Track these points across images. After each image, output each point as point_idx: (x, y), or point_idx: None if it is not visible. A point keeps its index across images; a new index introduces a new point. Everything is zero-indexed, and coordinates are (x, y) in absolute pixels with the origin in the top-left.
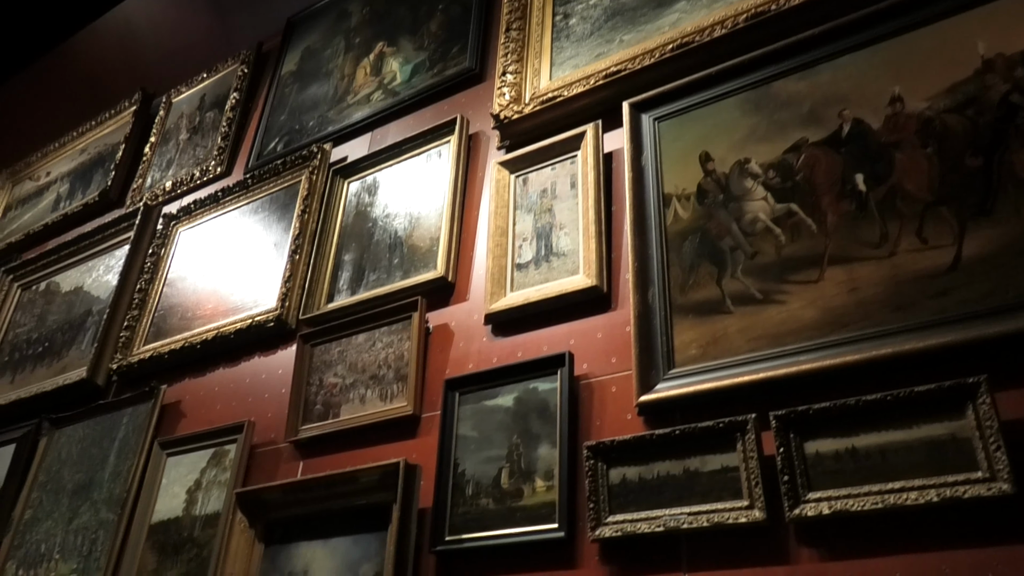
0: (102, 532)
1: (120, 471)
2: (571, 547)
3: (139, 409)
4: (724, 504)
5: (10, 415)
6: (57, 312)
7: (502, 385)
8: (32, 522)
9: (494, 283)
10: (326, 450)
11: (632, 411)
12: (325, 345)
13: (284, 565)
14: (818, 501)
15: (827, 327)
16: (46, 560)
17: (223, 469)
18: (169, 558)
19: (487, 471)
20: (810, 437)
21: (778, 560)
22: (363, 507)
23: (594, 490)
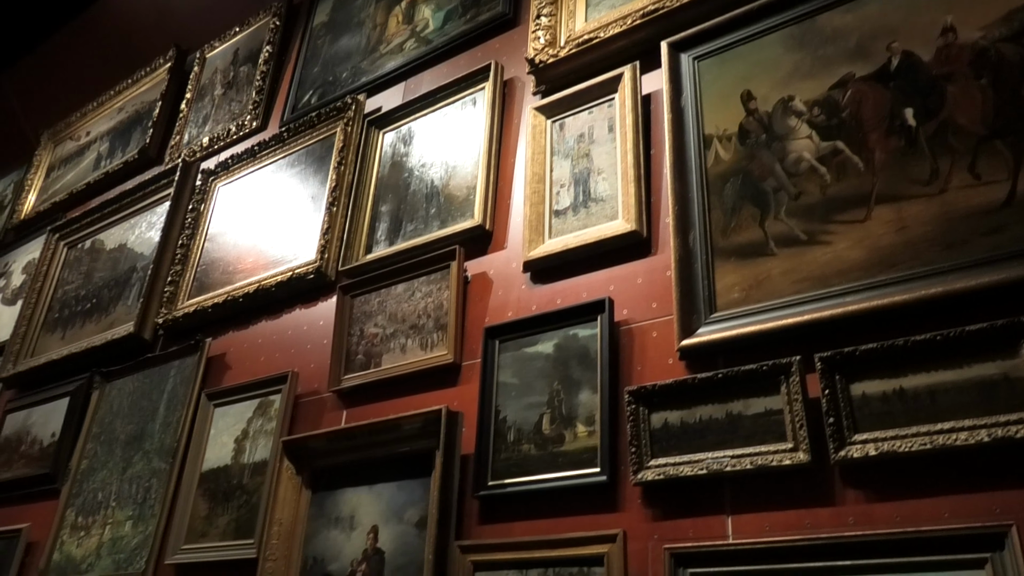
0: (155, 480)
1: (170, 422)
2: (613, 491)
3: (186, 362)
4: (768, 447)
5: (63, 370)
6: (103, 269)
7: (542, 332)
8: (88, 472)
9: (532, 230)
10: (368, 399)
11: (673, 356)
12: (365, 296)
13: (331, 510)
14: (864, 443)
15: (874, 267)
16: (103, 508)
17: (269, 419)
18: (220, 504)
19: (528, 417)
20: (856, 379)
21: (823, 502)
22: (406, 454)
23: (636, 435)
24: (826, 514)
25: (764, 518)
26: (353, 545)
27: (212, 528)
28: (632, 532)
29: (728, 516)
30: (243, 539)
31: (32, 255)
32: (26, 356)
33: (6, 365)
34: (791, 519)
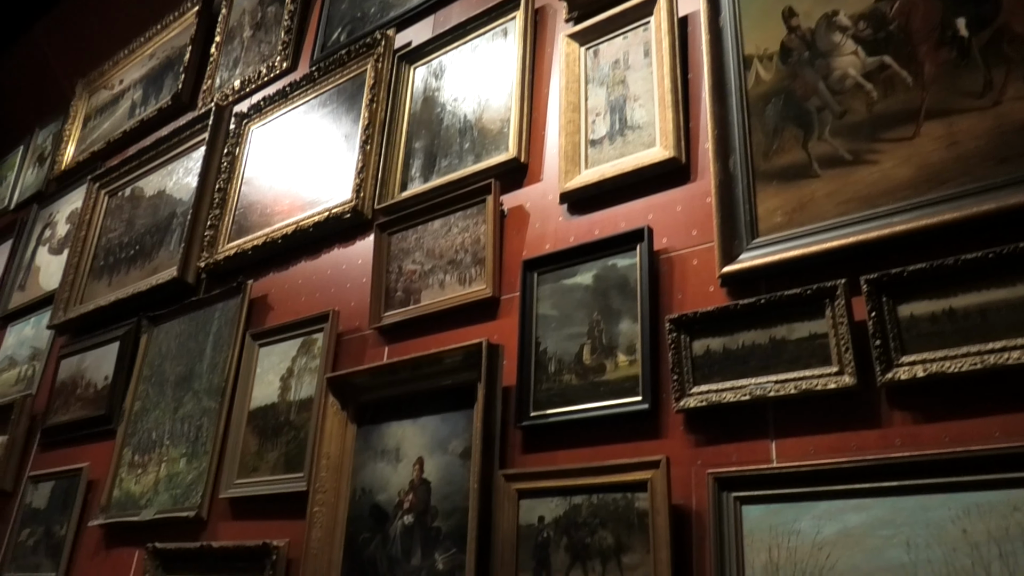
0: (206, 419)
1: (217, 362)
2: (655, 418)
3: (229, 304)
4: (812, 371)
5: (111, 315)
6: (144, 216)
7: (580, 263)
8: (142, 412)
9: (568, 161)
10: (409, 335)
11: (714, 283)
12: (402, 233)
13: (377, 443)
14: (912, 364)
15: (923, 185)
16: (158, 446)
17: (312, 357)
18: (269, 440)
19: (569, 348)
20: (904, 300)
21: (869, 424)
22: (449, 387)
23: (677, 362)
24: (872, 436)
25: (809, 442)
26: (400, 476)
27: (263, 463)
28: (675, 458)
29: (772, 441)
30: (293, 473)
31: (75, 205)
32: (75, 303)
33: (57, 313)
34: (836, 442)
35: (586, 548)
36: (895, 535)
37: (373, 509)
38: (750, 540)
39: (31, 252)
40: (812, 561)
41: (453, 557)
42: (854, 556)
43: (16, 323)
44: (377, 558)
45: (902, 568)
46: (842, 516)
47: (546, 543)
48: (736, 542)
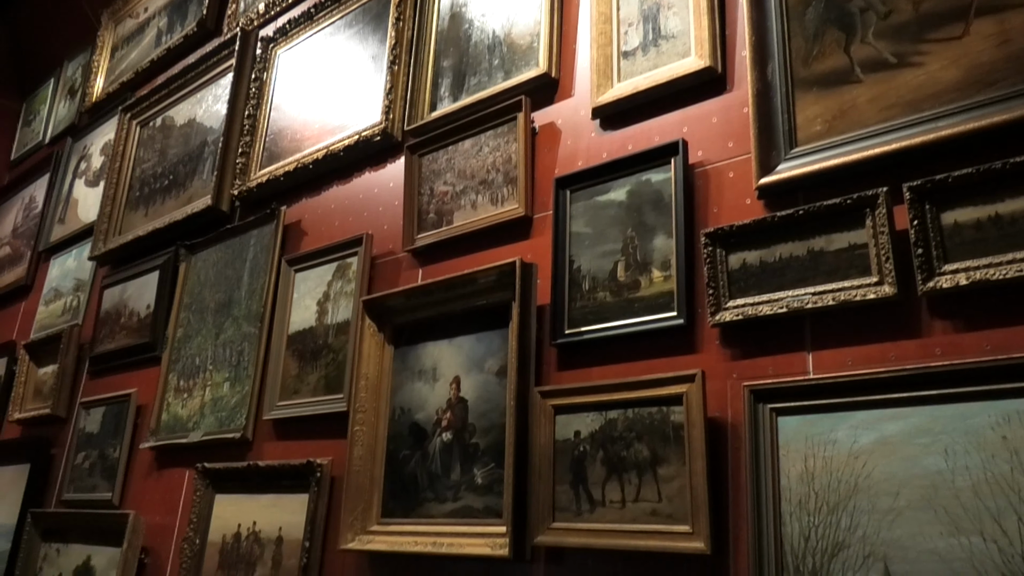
0: (246, 344)
1: (254, 288)
2: (690, 333)
3: (264, 230)
4: (851, 282)
5: (149, 245)
6: (176, 145)
7: (613, 179)
8: (184, 339)
9: (600, 75)
10: (443, 256)
11: (751, 196)
12: (432, 154)
13: (414, 364)
14: (955, 272)
15: (971, 87)
16: (201, 371)
17: (348, 280)
18: (309, 363)
19: (603, 265)
20: (948, 207)
21: (908, 334)
22: (483, 307)
23: (713, 276)
24: (912, 346)
25: (846, 353)
26: (437, 395)
27: (303, 385)
28: (710, 372)
29: (809, 353)
30: (333, 394)
31: (107, 136)
32: (114, 234)
33: (97, 244)
34: (875, 353)
35: (622, 461)
36: (933, 443)
37: (412, 427)
38: (786, 451)
39: (68, 185)
40: (848, 470)
41: (491, 472)
42: (891, 464)
43: (58, 255)
44: (417, 474)
45: (939, 475)
46: (879, 425)
47: (582, 457)
48: (772, 452)
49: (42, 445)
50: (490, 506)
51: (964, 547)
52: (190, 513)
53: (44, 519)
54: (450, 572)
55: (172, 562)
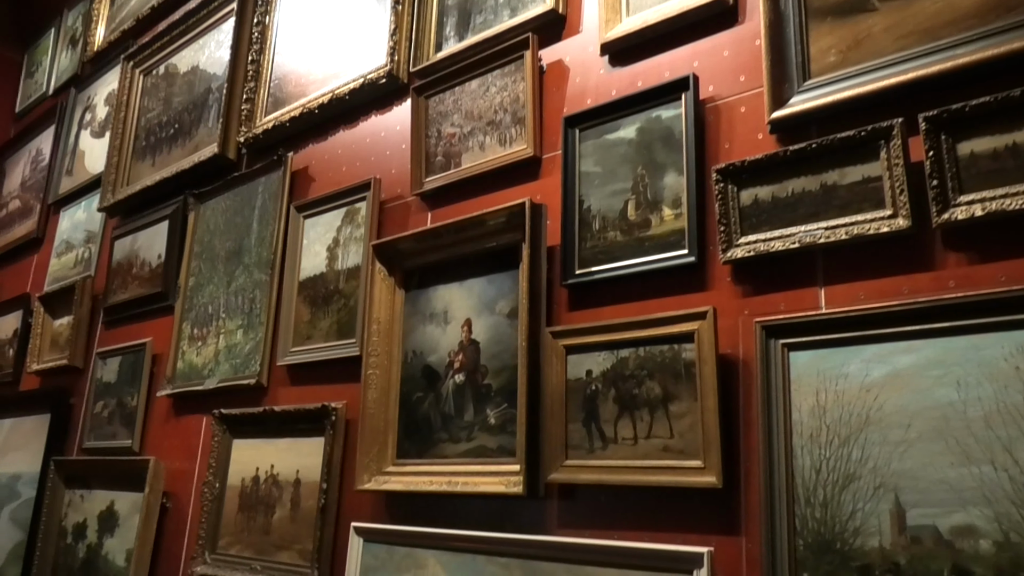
0: (258, 292)
1: (264, 236)
2: (701, 271)
3: (271, 177)
4: (864, 216)
5: (158, 195)
6: (180, 93)
7: (623, 117)
8: (196, 288)
9: (608, 9)
10: (452, 199)
11: (763, 130)
12: (439, 96)
13: (425, 307)
14: (970, 204)
15: (991, 13)
16: (214, 320)
17: (357, 226)
18: (320, 309)
19: (613, 204)
20: (964, 137)
21: (922, 267)
22: (493, 249)
23: (724, 213)
24: (925, 279)
25: (859, 287)
26: (449, 338)
27: (316, 331)
28: (722, 309)
29: (821, 288)
30: (345, 339)
31: (111, 86)
32: (122, 185)
33: (105, 195)
34: (887, 287)
35: (634, 398)
36: (945, 375)
37: (425, 370)
38: (797, 385)
39: (74, 136)
40: (860, 403)
41: (504, 412)
42: (902, 396)
43: (68, 208)
44: (431, 415)
45: (951, 406)
46: (891, 358)
47: (594, 395)
48: (783, 387)
49: (61, 395)
50: (503, 446)
51: (975, 476)
52: (209, 458)
53: (66, 466)
54: (465, 510)
55: (193, 506)
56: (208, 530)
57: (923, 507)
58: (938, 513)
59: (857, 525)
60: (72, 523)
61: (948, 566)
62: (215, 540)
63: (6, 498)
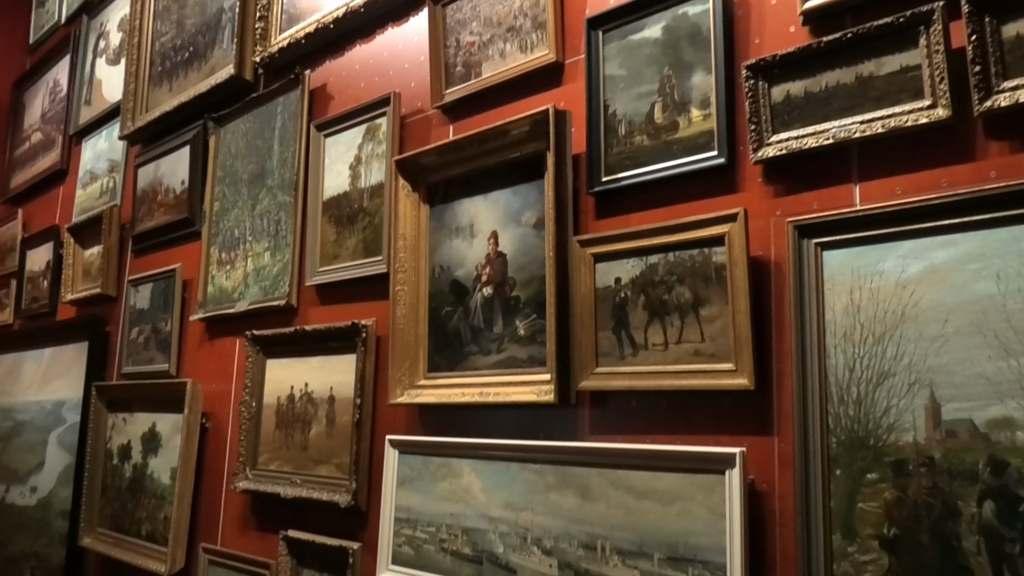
0: (283, 213)
1: (286, 157)
2: (731, 172)
3: (289, 97)
4: (902, 107)
5: (177, 120)
6: (192, 15)
7: (648, 15)
8: (221, 212)
9: None
10: (473, 110)
11: (795, 22)
12: (456, 3)
13: (450, 222)
14: (1014, 89)
15: None
16: (241, 243)
17: (378, 142)
18: (346, 228)
19: (639, 108)
20: (1010, 18)
21: (962, 159)
22: (517, 160)
23: (755, 111)
24: (965, 171)
25: (895, 182)
26: (475, 251)
27: (342, 250)
28: (753, 210)
29: (856, 184)
30: (372, 257)
31: (123, 11)
32: (141, 112)
33: (125, 123)
34: (925, 180)
35: (664, 304)
36: (984, 268)
37: (453, 284)
38: (831, 285)
39: (90, 65)
40: (895, 300)
41: (533, 323)
42: (939, 291)
43: (89, 138)
44: (461, 329)
45: (989, 299)
46: (928, 253)
47: (624, 303)
48: (816, 287)
49: (97, 323)
50: (534, 356)
51: (1013, 369)
52: (244, 379)
53: (108, 391)
54: (497, 420)
55: (232, 425)
56: (248, 448)
57: (959, 401)
58: (974, 407)
59: (891, 421)
60: (117, 445)
61: (984, 458)
62: (255, 457)
63: (52, 424)
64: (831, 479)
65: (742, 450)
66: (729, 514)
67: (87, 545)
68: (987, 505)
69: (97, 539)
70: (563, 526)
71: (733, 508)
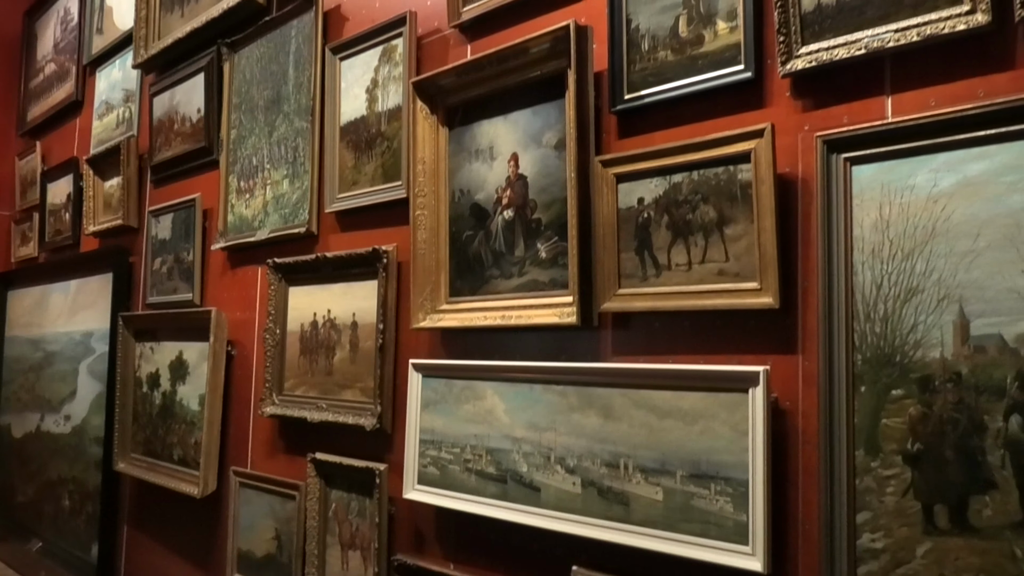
0: (300, 140)
1: (301, 82)
2: (759, 87)
3: (303, 19)
4: (939, 13)
5: (190, 47)
6: None
7: None
8: (238, 140)
9: None
10: (492, 29)
11: None
12: None
13: (469, 144)
14: None
15: None
16: (259, 171)
17: (395, 64)
18: (364, 153)
19: (663, 22)
20: None
21: (1001, 67)
22: (537, 79)
23: (784, 22)
24: (1003, 80)
25: (929, 93)
26: (496, 174)
27: (361, 176)
28: (780, 126)
29: (887, 96)
30: (391, 182)
31: None
32: (153, 40)
33: (138, 51)
34: (961, 90)
35: (687, 224)
36: (1020, 180)
37: (473, 208)
38: (859, 200)
39: None
40: (926, 214)
41: (555, 245)
42: (972, 205)
43: (103, 67)
44: (482, 253)
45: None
46: (962, 166)
47: (647, 223)
48: (845, 203)
49: (121, 254)
50: (555, 279)
51: None
52: (267, 306)
53: (134, 322)
54: (520, 343)
55: (257, 352)
56: (273, 374)
57: (989, 316)
58: (1004, 322)
59: (918, 338)
60: (145, 373)
61: (1012, 373)
62: (281, 383)
63: (82, 354)
64: (855, 396)
65: (766, 368)
66: (752, 431)
67: (122, 470)
68: (1013, 419)
69: (131, 464)
70: (586, 445)
71: (756, 425)
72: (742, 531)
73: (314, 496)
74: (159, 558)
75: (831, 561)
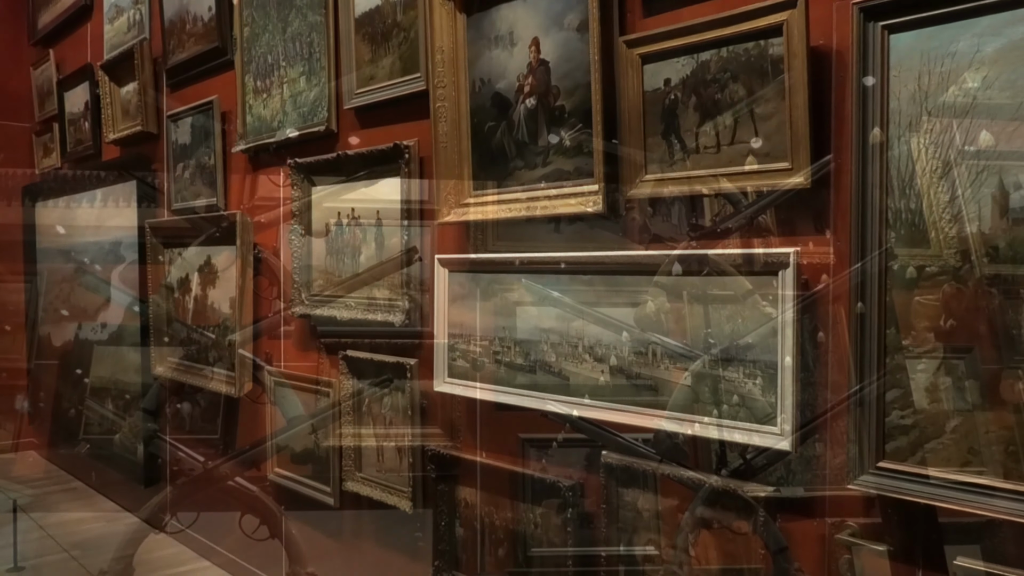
0: (315, 35)
1: None
2: None
3: None
4: None
5: None
6: None
7: None
8: (252, 38)
9: None
10: None
11: None
12: None
13: (489, 31)
14: None
15: None
16: (275, 69)
17: None
18: (381, 47)
19: None
20: None
21: None
22: None
23: None
24: None
25: None
26: (516, 61)
27: (379, 70)
28: None
29: None
30: (410, 74)
31: None
32: None
33: None
34: None
35: (716, 104)
36: None
37: (494, 97)
38: (897, 71)
39: None
40: (967, 83)
41: (580, 133)
42: (1016, 71)
43: None
44: (505, 143)
45: None
46: (1007, 29)
47: (674, 105)
48: (881, 74)
49: (142, 161)
50: (580, 167)
51: None
52: (291, 207)
53: (160, 229)
54: (547, 234)
55: (284, 253)
56: (301, 275)
57: None
58: None
59: (955, 212)
60: (176, 279)
61: None
62: (309, 283)
63: (112, 262)
64: (887, 274)
65: (796, 249)
66: (781, 314)
67: (160, 374)
68: None
69: (169, 368)
70: (614, 334)
71: (786, 307)
72: (771, 412)
73: (347, 392)
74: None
75: (860, 441)
